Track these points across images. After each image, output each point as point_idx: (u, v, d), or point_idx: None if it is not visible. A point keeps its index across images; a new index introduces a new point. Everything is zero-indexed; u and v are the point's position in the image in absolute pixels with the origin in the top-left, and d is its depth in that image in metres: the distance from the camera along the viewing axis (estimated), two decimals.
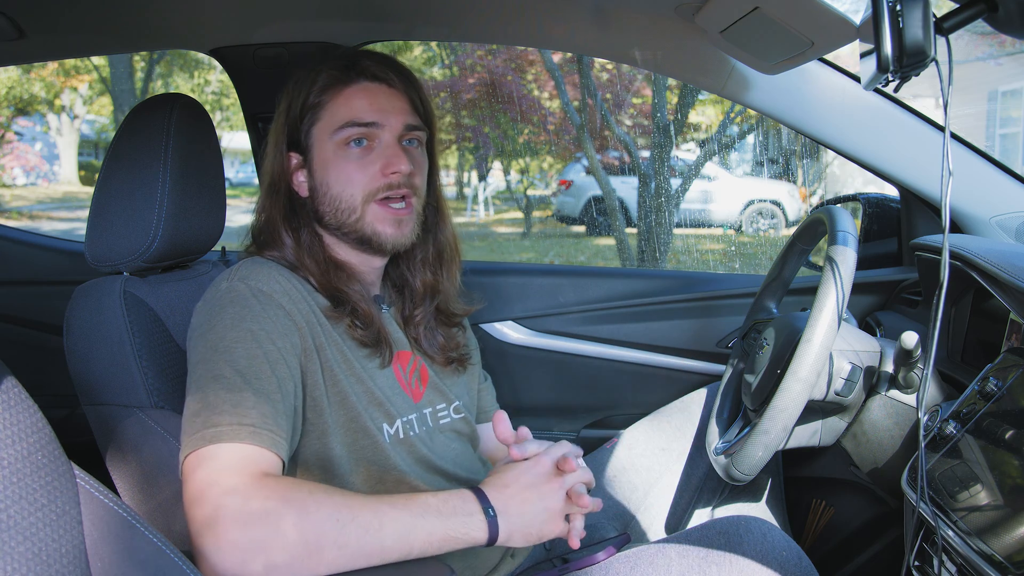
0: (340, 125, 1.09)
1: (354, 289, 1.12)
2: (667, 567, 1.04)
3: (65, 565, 0.64)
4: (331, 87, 1.11)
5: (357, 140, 1.10)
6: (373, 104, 1.10)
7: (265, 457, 0.88)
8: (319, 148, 1.11)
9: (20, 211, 11.75)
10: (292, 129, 1.13)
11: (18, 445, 0.64)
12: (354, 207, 1.10)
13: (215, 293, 1.03)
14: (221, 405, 0.89)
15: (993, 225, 1.51)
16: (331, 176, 1.10)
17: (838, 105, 1.55)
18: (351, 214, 1.10)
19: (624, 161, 8.01)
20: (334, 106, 1.10)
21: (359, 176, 1.09)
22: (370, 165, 1.10)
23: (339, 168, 1.10)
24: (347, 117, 1.09)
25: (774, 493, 1.52)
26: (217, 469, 0.85)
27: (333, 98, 1.10)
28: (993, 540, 0.86)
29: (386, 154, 1.10)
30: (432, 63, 9.55)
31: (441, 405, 1.19)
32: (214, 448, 0.86)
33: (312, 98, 1.11)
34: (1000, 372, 1.04)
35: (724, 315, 1.78)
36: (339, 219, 1.11)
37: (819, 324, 1.10)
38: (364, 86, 1.11)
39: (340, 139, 1.09)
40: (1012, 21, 0.77)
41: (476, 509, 0.91)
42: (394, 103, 1.12)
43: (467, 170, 12.65)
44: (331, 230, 1.13)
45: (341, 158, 1.10)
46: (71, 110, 13.82)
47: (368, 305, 1.12)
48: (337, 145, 1.10)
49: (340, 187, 1.10)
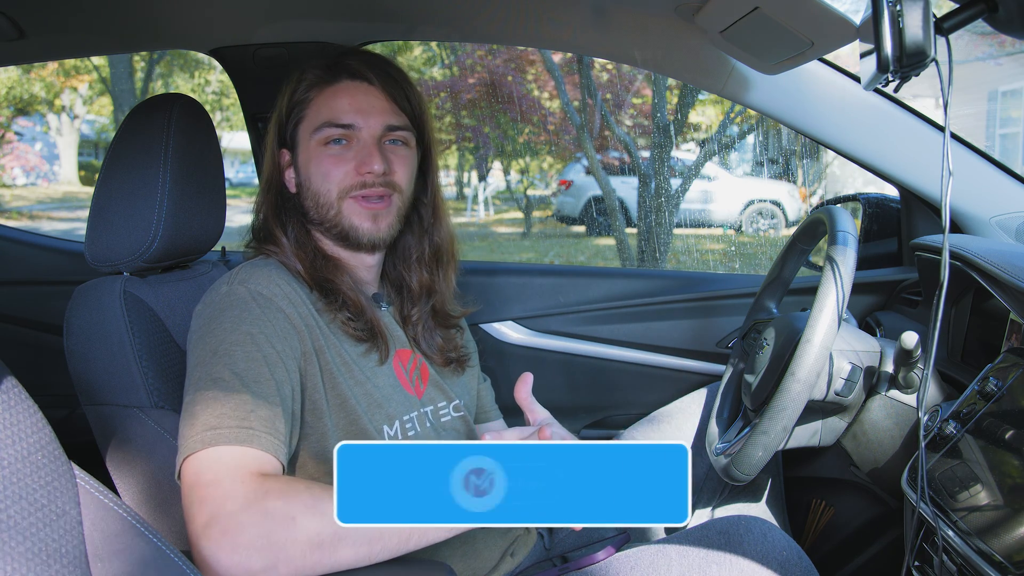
0: (320, 124, 1.12)
1: (343, 280, 1.13)
2: (667, 567, 1.04)
3: (65, 565, 0.64)
4: (315, 86, 1.13)
5: (336, 139, 1.12)
6: (353, 104, 1.12)
7: (263, 459, 0.88)
8: (303, 145, 1.14)
9: (20, 211, 11.75)
10: (281, 127, 1.16)
11: (18, 445, 0.64)
12: (331, 202, 1.12)
13: (215, 296, 1.03)
14: (219, 408, 0.89)
15: (993, 225, 1.51)
16: (312, 172, 1.13)
17: (838, 105, 1.55)
18: (329, 209, 1.13)
19: (624, 161, 8.01)
20: (317, 105, 1.13)
21: (335, 172, 1.12)
22: (346, 163, 1.12)
23: (318, 164, 1.12)
24: (327, 117, 1.11)
25: (774, 493, 1.52)
26: (216, 471, 0.85)
27: (316, 97, 1.13)
28: (993, 540, 0.86)
29: (361, 153, 1.12)
30: (432, 63, 9.55)
31: (442, 403, 1.19)
32: (213, 451, 0.86)
33: (298, 96, 1.14)
34: (1000, 372, 1.04)
35: (724, 315, 1.78)
36: (320, 214, 1.13)
37: (819, 324, 1.10)
38: (345, 85, 1.13)
39: (320, 138, 1.12)
40: (1012, 21, 0.77)
41: None
42: (374, 103, 1.13)
43: (467, 170, 12.65)
44: (315, 225, 1.15)
45: (322, 155, 1.12)
46: (71, 110, 13.82)
47: (357, 295, 1.13)
48: (318, 143, 1.12)
49: (319, 183, 1.12)
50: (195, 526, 0.82)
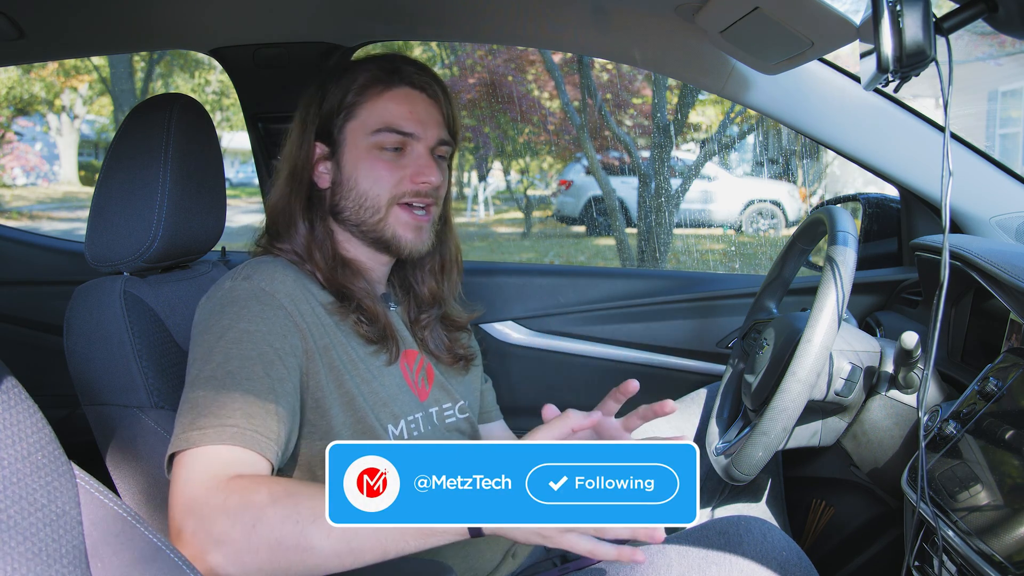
0: (378, 128, 1.10)
1: (359, 286, 1.12)
2: (667, 567, 1.04)
3: (65, 565, 0.64)
4: (371, 87, 1.12)
5: (395, 147, 1.11)
6: (413, 113, 1.11)
7: (246, 458, 0.87)
8: (351, 145, 1.12)
9: (20, 211, 11.75)
10: (325, 121, 1.13)
11: (18, 445, 0.64)
12: (379, 207, 1.11)
13: (217, 292, 1.03)
14: (208, 407, 0.89)
15: (993, 225, 1.51)
16: (360, 173, 1.11)
17: (838, 105, 1.55)
18: (375, 213, 1.12)
19: (624, 161, 8.01)
20: (373, 107, 1.11)
21: (389, 177, 1.11)
22: (401, 169, 1.11)
23: (370, 167, 1.11)
24: (386, 121, 1.10)
25: (774, 493, 1.52)
26: (193, 470, 0.85)
27: (372, 99, 1.11)
28: (993, 540, 0.86)
29: (418, 163, 1.11)
30: (432, 63, 9.55)
31: (447, 404, 1.19)
32: (195, 450, 0.86)
33: (352, 96, 1.12)
34: (1000, 372, 1.04)
35: (724, 315, 1.78)
36: (360, 216, 1.12)
37: (819, 324, 1.10)
38: (405, 92, 1.12)
39: (376, 141, 1.11)
40: (1012, 21, 0.77)
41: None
42: (432, 114, 1.13)
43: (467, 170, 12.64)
44: (348, 226, 1.14)
45: (374, 158, 1.11)
46: (71, 110, 13.82)
47: (374, 302, 1.12)
48: (371, 145, 1.11)
49: (368, 185, 1.11)
50: (171, 522, 0.83)
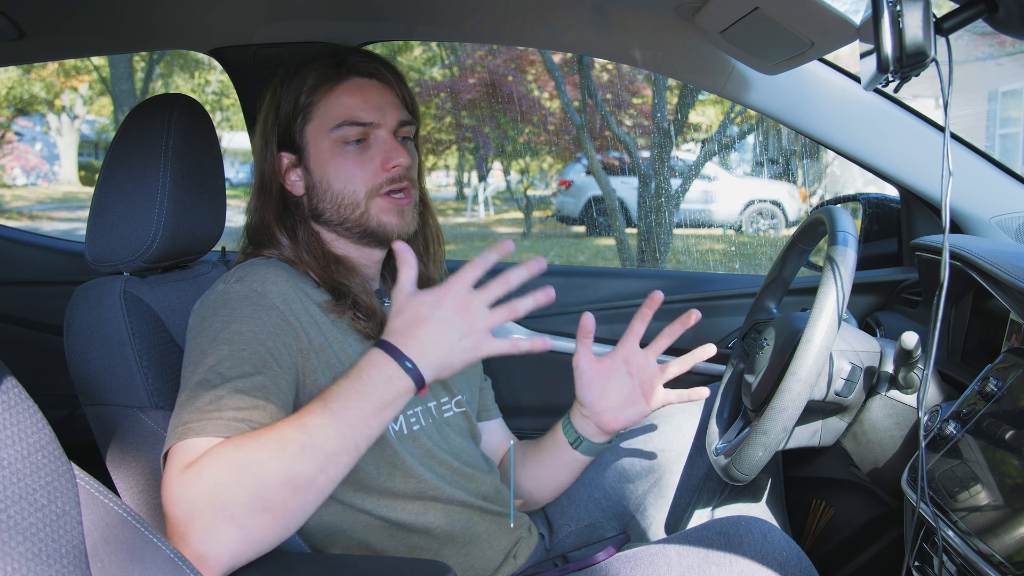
0: (337, 123, 1.11)
1: (355, 283, 1.13)
2: (667, 567, 1.04)
3: (65, 565, 0.64)
4: (322, 85, 1.12)
5: (356, 140, 1.11)
6: (368, 101, 1.11)
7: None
8: (315, 147, 1.12)
9: (20, 211, 11.76)
10: (284, 129, 1.14)
11: (18, 445, 0.64)
12: (357, 203, 1.11)
13: (210, 295, 1.03)
14: (201, 406, 0.89)
15: (993, 225, 1.51)
16: (331, 174, 1.12)
17: (838, 105, 1.55)
18: (355, 209, 1.12)
19: (624, 161, 8.02)
20: (327, 104, 1.12)
21: (360, 172, 1.11)
22: (369, 161, 1.11)
23: (339, 165, 1.11)
24: (343, 116, 1.10)
25: (774, 493, 1.52)
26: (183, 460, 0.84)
27: (325, 96, 1.12)
28: (993, 540, 0.86)
29: (384, 149, 1.11)
30: (432, 63, 9.56)
31: (444, 398, 1.19)
32: (185, 442, 0.85)
33: (304, 98, 1.12)
34: (1000, 372, 1.04)
35: (724, 315, 1.78)
36: (342, 215, 1.12)
37: (819, 324, 1.10)
38: (356, 82, 1.12)
39: (337, 137, 1.11)
40: (1012, 21, 0.77)
41: (393, 370, 0.87)
42: (387, 98, 1.13)
43: (467, 170, 12.65)
44: (331, 226, 1.14)
45: (339, 155, 1.11)
46: (71, 110, 13.83)
47: (370, 298, 1.12)
48: (334, 143, 1.11)
49: (342, 184, 1.11)
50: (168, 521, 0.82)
